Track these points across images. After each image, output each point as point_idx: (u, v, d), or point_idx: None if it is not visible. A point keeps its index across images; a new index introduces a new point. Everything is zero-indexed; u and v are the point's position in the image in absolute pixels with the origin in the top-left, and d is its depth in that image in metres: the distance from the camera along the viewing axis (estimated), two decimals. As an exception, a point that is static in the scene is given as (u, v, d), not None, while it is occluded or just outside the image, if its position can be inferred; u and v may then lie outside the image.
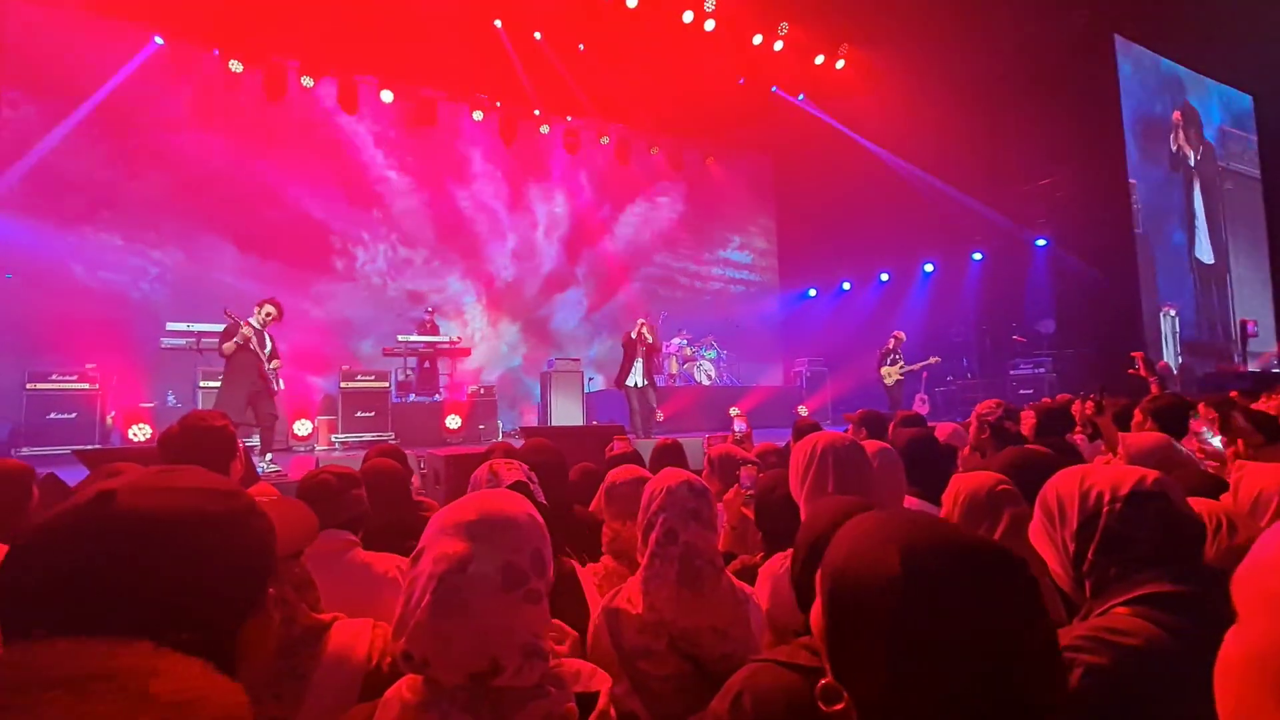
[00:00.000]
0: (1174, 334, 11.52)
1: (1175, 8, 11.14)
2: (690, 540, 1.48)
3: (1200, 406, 3.52)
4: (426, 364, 9.68)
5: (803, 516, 1.73)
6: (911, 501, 2.22)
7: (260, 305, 6.20)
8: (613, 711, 0.98)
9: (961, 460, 3.31)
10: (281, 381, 6.49)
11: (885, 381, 9.70)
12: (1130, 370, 2.19)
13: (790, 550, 1.67)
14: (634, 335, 8.37)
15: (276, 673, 1.13)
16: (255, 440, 6.26)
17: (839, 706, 0.73)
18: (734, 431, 4.39)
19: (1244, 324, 12.24)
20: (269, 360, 6.21)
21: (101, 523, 0.60)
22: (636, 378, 8.29)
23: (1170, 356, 11.15)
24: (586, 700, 0.97)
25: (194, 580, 0.61)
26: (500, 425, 9.55)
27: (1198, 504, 1.39)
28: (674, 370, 11.74)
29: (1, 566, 0.60)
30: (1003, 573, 0.70)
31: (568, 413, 9.67)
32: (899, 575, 0.68)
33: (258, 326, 6.11)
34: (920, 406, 10.10)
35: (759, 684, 1.02)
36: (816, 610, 0.81)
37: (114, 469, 1.79)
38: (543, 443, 2.75)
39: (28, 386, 7.36)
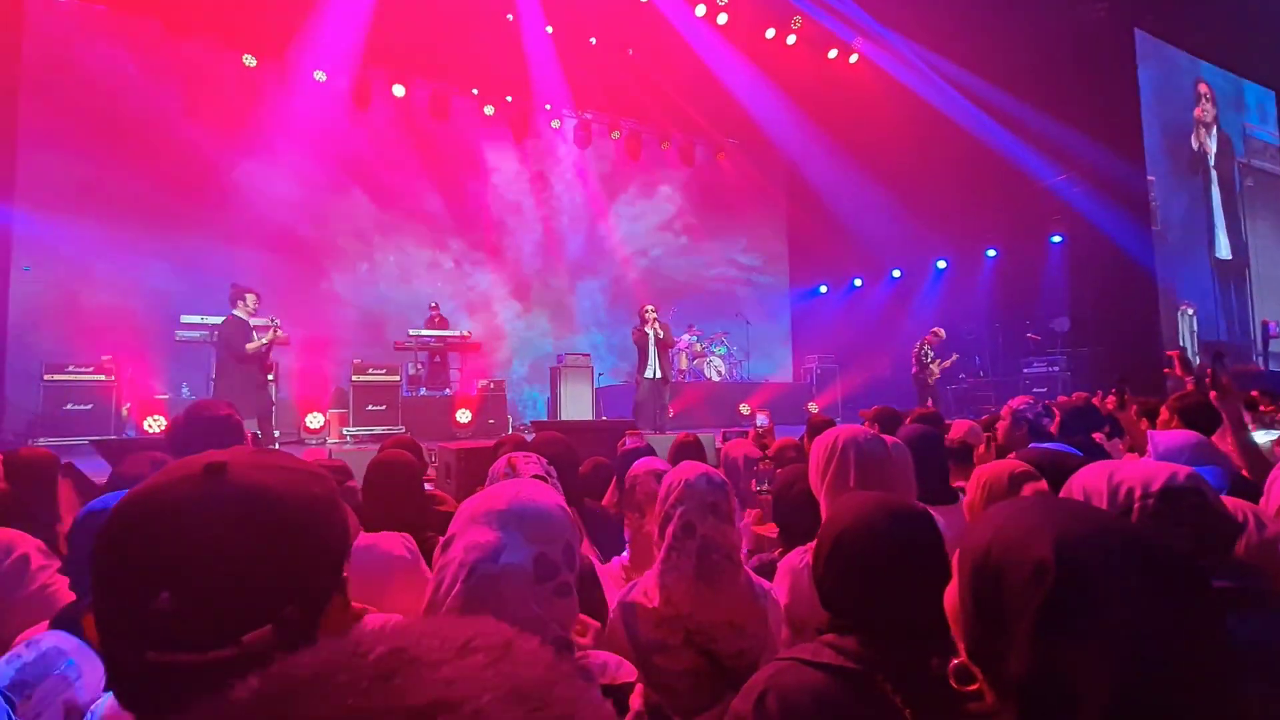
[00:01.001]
0: (1191, 333, 11.36)
1: (1196, 1, 10.96)
2: (708, 534, 1.46)
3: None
4: (437, 358, 9.70)
5: (823, 512, 1.70)
6: (913, 502, 2.16)
7: (244, 296, 6.11)
8: (645, 715, 0.97)
9: (977, 458, 3.26)
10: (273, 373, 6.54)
11: (929, 380, 9.48)
12: (1166, 369, 2.14)
13: (810, 545, 1.65)
14: (646, 330, 8.36)
15: None
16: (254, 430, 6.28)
17: (973, 687, 0.72)
18: (756, 425, 4.37)
19: (1265, 324, 12.04)
20: (267, 351, 6.23)
21: (217, 493, 0.61)
22: (653, 371, 8.30)
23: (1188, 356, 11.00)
24: (613, 691, 0.95)
25: (299, 556, 0.63)
26: (510, 419, 9.56)
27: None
28: (684, 366, 11.71)
29: (114, 528, 0.61)
30: (1160, 565, 0.67)
31: (577, 407, 9.68)
32: (1051, 565, 0.66)
33: (244, 318, 6.06)
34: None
35: (784, 683, 1.00)
36: (952, 592, 0.79)
37: (154, 457, 1.80)
38: (554, 435, 2.73)
39: (45, 378, 7.43)
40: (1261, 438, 2.76)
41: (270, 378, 6.42)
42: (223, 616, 0.57)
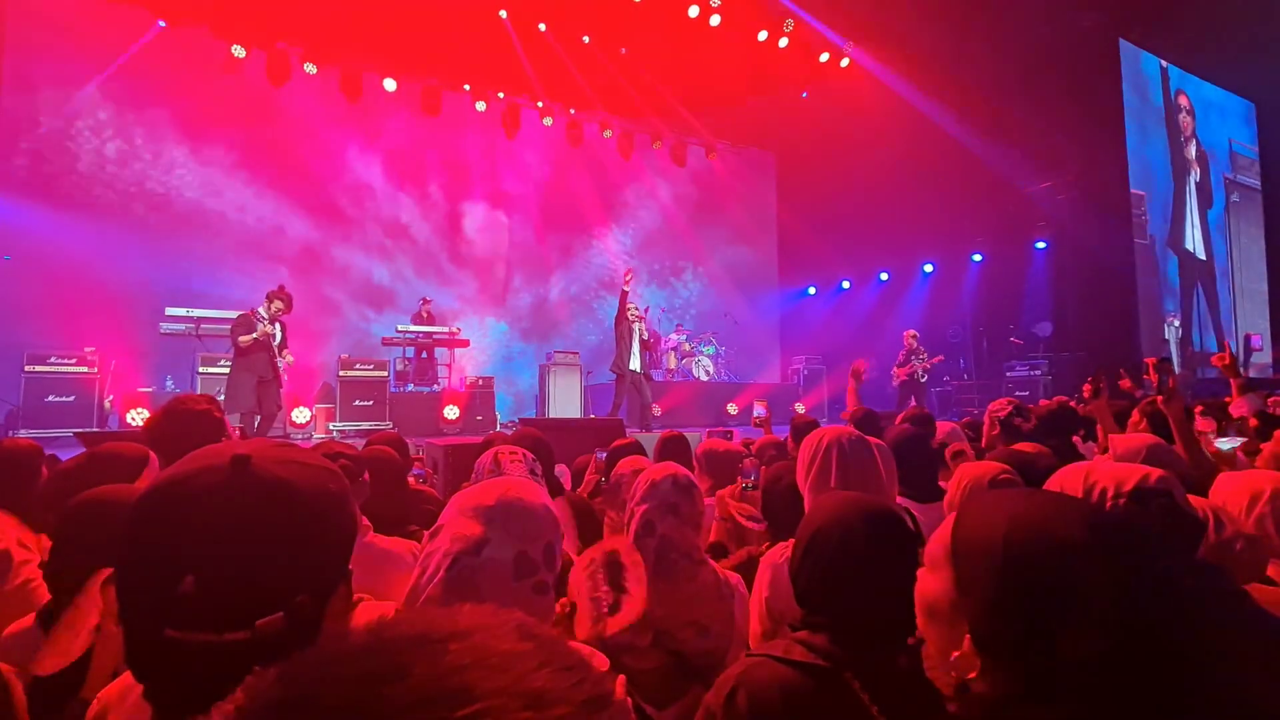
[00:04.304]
0: (1177, 344, 11.54)
1: (1181, 13, 11.11)
2: (666, 533, 1.49)
3: (1197, 411, 3.52)
4: (424, 354, 9.66)
5: (807, 509, 1.73)
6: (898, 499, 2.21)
7: (270, 299, 6.35)
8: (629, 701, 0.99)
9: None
10: (286, 374, 6.59)
11: (894, 383, 9.64)
12: (1145, 375, 2.18)
13: (792, 540, 1.68)
14: (632, 323, 8.24)
15: None
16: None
17: (973, 674, 0.74)
18: (754, 415, 4.53)
19: (1248, 338, 12.24)
20: (280, 353, 6.32)
21: (242, 484, 0.64)
22: (636, 363, 8.12)
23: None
24: None
25: (314, 548, 0.66)
26: (498, 416, 9.55)
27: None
28: (672, 365, 11.73)
29: (144, 511, 0.64)
30: (1135, 537, 0.75)
31: (567, 405, 9.67)
32: (1083, 543, 0.70)
33: (266, 318, 6.24)
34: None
35: (754, 679, 1.02)
36: (939, 584, 0.79)
37: (107, 449, 1.78)
38: (530, 431, 2.81)
39: (26, 369, 7.33)
40: (1226, 445, 2.83)
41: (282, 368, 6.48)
42: (240, 601, 0.60)
